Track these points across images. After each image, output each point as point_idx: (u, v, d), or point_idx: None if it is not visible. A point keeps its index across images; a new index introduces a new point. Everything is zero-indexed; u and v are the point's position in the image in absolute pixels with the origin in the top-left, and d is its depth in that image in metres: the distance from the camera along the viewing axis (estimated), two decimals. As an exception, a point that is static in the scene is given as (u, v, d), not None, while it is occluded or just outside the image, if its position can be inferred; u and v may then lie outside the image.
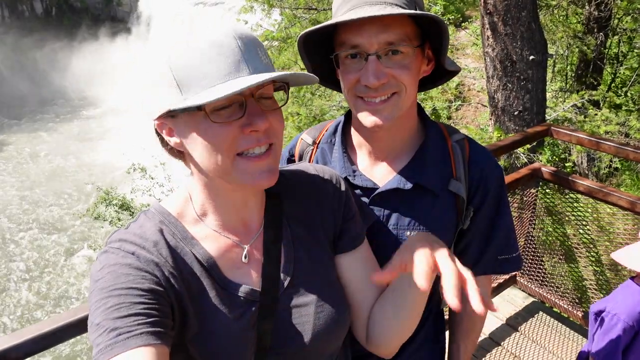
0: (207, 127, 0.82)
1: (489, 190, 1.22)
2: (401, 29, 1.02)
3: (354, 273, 1.07)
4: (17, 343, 1.14)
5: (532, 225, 3.22)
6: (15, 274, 13.08)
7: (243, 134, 0.83)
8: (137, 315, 0.76)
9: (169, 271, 0.86)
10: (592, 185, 2.71)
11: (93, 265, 0.85)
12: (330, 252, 1.06)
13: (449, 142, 1.23)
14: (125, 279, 0.80)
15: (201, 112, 0.81)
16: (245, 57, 0.81)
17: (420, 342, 1.35)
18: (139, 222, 0.92)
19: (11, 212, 16.25)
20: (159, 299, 0.81)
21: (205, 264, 0.91)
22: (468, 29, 10.64)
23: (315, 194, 1.07)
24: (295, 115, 6.73)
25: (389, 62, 1.04)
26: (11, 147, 21.51)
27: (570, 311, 3.04)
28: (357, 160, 1.25)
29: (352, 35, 1.03)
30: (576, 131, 2.89)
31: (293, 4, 7.26)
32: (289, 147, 1.39)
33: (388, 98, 1.07)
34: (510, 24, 3.83)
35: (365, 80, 1.04)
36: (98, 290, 0.80)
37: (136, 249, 0.85)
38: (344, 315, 1.03)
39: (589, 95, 5.20)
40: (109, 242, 0.89)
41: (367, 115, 1.09)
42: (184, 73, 0.80)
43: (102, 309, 0.77)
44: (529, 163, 3.97)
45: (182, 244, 0.91)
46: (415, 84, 1.10)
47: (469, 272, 0.79)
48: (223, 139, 0.82)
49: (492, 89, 4.20)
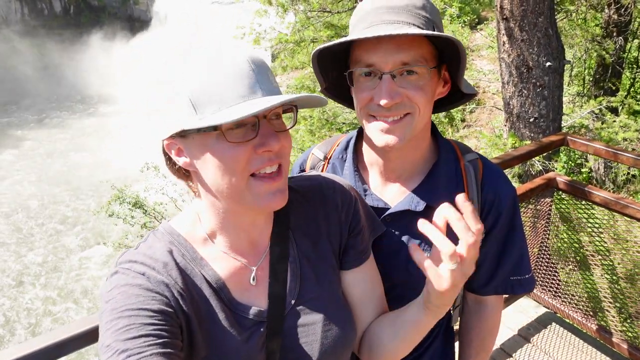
0: (221, 147, 0.82)
1: (502, 212, 1.20)
2: (417, 50, 1.01)
3: (357, 289, 1.07)
4: (28, 353, 1.15)
5: (546, 234, 3.17)
6: (31, 268, 13.32)
7: (256, 154, 0.84)
8: (148, 336, 0.77)
9: (178, 292, 0.86)
10: (608, 196, 2.65)
11: (103, 286, 0.86)
12: (336, 267, 1.06)
13: (462, 163, 1.21)
14: (136, 299, 0.81)
15: (215, 132, 0.82)
16: (259, 80, 0.82)
17: (429, 358, 1.34)
18: (149, 243, 0.93)
19: (28, 207, 16.54)
20: (168, 320, 0.82)
21: (215, 286, 0.92)
22: (484, 30, 10.53)
23: (323, 206, 1.06)
24: (307, 118, 6.72)
25: (403, 82, 1.03)
26: (29, 142, 21.89)
27: (584, 323, 2.99)
28: (369, 179, 1.24)
29: (368, 53, 1.03)
30: (593, 141, 2.84)
31: (307, 6, 7.26)
32: (299, 161, 1.38)
33: (401, 118, 1.06)
34: (526, 29, 3.78)
35: (379, 99, 1.03)
36: (109, 312, 0.80)
37: (146, 270, 0.86)
38: (350, 334, 1.02)
39: (607, 102, 5.10)
40: (118, 262, 0.89)
41: (379, 135, 1.07)
42: (200, 94, 0.81)
43: (113, 330, 0.78)
44: (544, 170, 3.91)
45: (192, 265, 0.91)
46: (430, 105, 1.09)
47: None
48: (238, 159, 0.83)
49: (508, 95, 4.15)
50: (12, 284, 12.59)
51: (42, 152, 20.96)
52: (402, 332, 1.00)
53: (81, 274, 13.01)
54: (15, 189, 17.81)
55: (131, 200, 10.48)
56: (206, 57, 0.83)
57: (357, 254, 1.07)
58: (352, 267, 1.07)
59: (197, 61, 0.83)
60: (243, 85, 0.81)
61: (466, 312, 1.39)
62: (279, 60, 8.95)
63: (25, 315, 11.52)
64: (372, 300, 1.08)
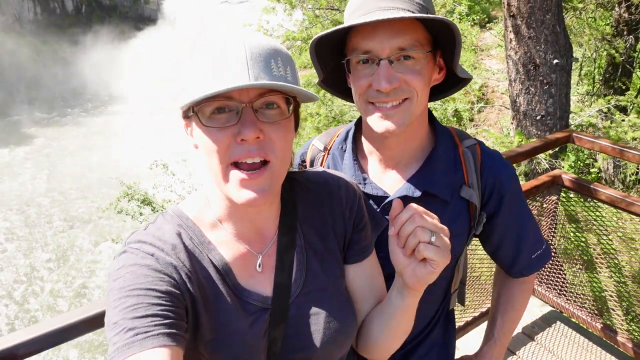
0: (204, 130, 0.84)
1: (504, 194, 1.21)
2: (413, 34, 1.02)
3: (359, 283, 1.08)
4: (30, 338, 1.17)
5: (552, 232, 3.14)
6: (41, 263, 13.48)
7: (236, 142, 0.82)
8: (155, 316, 0.78)
9: (186, 274, 0.87)
10: (614, 194, 2.63)
11: (111, 264, 0.87)
12: (340, 260, 1.07)
13: (460, 148, 1.22)
14: (144, 279, 0.82)
15: (205, 119, 0.83)
16: (250, 65, 0.80)
17: (429, 347, 1.35)
18: (157, 224, 0.93)
19: (39, 203, 16.74)
20: (175, 301, 0.83)
21: (221, 270, 0.93)
22: (493, 29, 10.47)
23: (328, 201, 1.07)
24: (314, 115, 6.73)
25: (401, 67, 1.04)
26: (40, 140, 22.14)
27: (589, 322, 2.96)
28: (368, 168, 1.25)
29: (364, 40, 1.04)
30: (599, 138, 2.81)
31: (315, 4, 7.26)
32: (300, 152, 1.40)
33: (399, 104, 1.07)
34: (534, 26, 3.75)
35: (377, 84, 1.04)
36: (117, 290, 0.81)
37: (155, 251, 0.87)
38: (352, 325, 1.04)
39: (615, 101, 5.04)
40: (127, 242, 0.90)
41: (378, 121, 1.08)
42: (190, 76, 0.83)
43: (120, 308, 0.78)
44: (551, 169, 3.89)
45: (199, 248, 0.92)
46: (427, 90, 1.10)
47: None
48: (217, 144, 0.83)
49: (514, 93, 4.13)
50: (23, 280, 12.75)
51: (53, 149, 21.19)
52: (390, 321, 1.02)
53: (90, 270, 13.14)
54: (26, 186, 18.03)
55: (140, 197, 10.55)
56: (210, 45, 0.84)
57: (360, 249, 1.08)
58: (355, 261, 1.08)
59: (202, 48, 0.85)
60: (229, 70, 0.79)
61: (506, 284, 1.41)
62: (286, 58, 9.00)
63: (36, 310, 11.66)
64: (372, 294, 1.09)
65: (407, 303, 0.97)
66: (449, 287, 1.34)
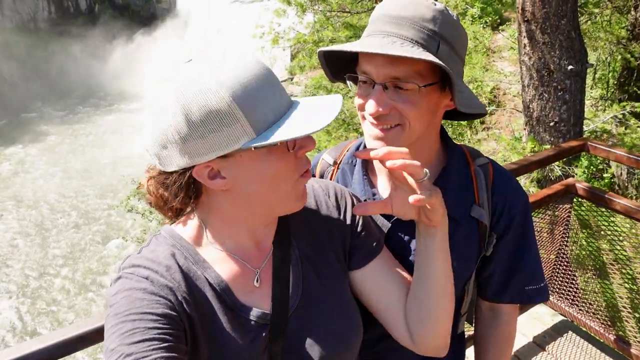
0: (274, 157, 0.84)
1: (514, 218, 1.19)
2: (411, 66, 0.98)
3: (376, 282, 1.06)
4: (40, 348, 1.18)
5: (564, 241, 3.11)
6: (52, 260, 13.63)
7: (297, 156, 0.87)
8: (152, 340, 0.77)
9: (182, 296, 0.87)
10: (629, 204, 2.60)
11: (108, 291, 0.87)
12: (340, 270, 1.06)
13: (472, 167, 1.20)
14: (140, 303, 0.81)
15: (270, 147, 0.83)
16: (279, 84, 0.85)
17: None
18: (151, 247, 0.93)
19: (51, 201, 16.92)
20: (173, 323, 0.82)
21: (217, 288, 0.92)
22: (505, 31, 10.38)
23: (320, 211, 1.06)
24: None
25: (394, 95, 1.02)
26: (53, 137, 22.38)
27: (601, 333, 2.93)
28: (377, 183, 1.24)
29: (364, 61, 1.03)
30: (614, 147, 2.77)
31: (326, 7, 7.25)
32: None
33: (390, 128, 1.05)
34: (548, 32, 3.71)
35: (368, 107, 1.03)
36: (113, 316, 0.81)
37: (149, 274, 0.86)
38: (354, 337, 1.02)
39: (631, 107, 4.97)
40: (122, 268, 0.90)
41: (369, 140, 1.08)
42: (251, 109, 0.79)
43: (117, 334, 0.78)
44: (564, 176, 3.84)
45: (195, 267, 0.91)
46: (423, 119, 1.06)
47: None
48: (289, 165, 0.86)
49: (528, 99, 4.09)
50: (34, 276, 12.91)
51: (66, 146, 21.42)
52: (429, 284, 0.99)
53: (100, 266, 13.27)
54: (38, 183, 18.24)
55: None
56: (237, 70, 0.80)
57: (365, 254, 1.07)
58: (363, 264, 1.06)
59: (236, 76, 0.79)
60: (278, 94, 0.83)
61: (481, 321, 1.38)
62: (297, 60, 8.96)
63: (47, 304, 11.80)
64: (395, 287, 1.06)
65: (437, 241, 0.96)
66: (457, 309, 1.32)
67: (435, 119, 1.12)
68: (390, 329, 1.07)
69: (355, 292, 1.08)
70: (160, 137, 0.82)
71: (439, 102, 1.08)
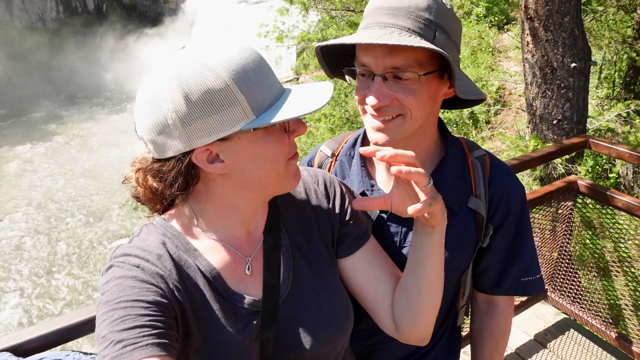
0: (271, 139, 0.86)
1: (511, 210, 1.19)
2: (410, 55, 0.99)
3: (364, 271, 1.07)
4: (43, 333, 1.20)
5: (566, 238, 3.10)
6: (59, 257, 13.74)
7: (289, 139, 0.90)
8: (143, 327, 0.78)
9: (173, 283, 0.87)
10: (631, 201, 2.58)
11: (100, 280, 0.87)
12: (329, 257, 1.06)
13: (470, 159, 1.21)
14: (131, 291, 0.82)
15: (268, 128, 0.85)
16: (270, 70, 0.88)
17: (434, 359, 1.34)
18: (142, 236, 0.93)
19: (59, 199, 17.05)
20: (163, 311, 0.82)
21: (209, 276, 0.92)
22: (511, 31, 10.34)
23: (309, 199, 1.07)
24: (328, 116, 6.72)
25: (394, 86, 1.02)
26: (60, 137, 22.55)
27: (603, 331, 2.91)
28: (376, 175, 1.24)
29: (362, 53, 1.04)
30: (617, 144, 2.76)
31: (329, 5, 7.26)
32: (307, 158, 1.39)
33: (392, 119, 1.05)
34: (551, 29, 3.70)
35: (368, 100, 1.03)
36: (104, 303, 0.81)
37: (140, 262, 0.87)
38: (345, 322, 1.03)
39: (635, 105, 4.94)
40: (113, 257, 0.90)
41: (371, 132, 1.08)
42: (250, 91, 0.80)
43: (108, 322, 0.78)
44: (567, 174, 3.83)
45: (186, 255, 0.92)
46: (425, 107, 1.06)
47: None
48: (283, 147, 0.89)
49: (531, 96, 4.07)
50: (40, 273, 13.02)
51: (73, 146, 21.56)
52: (422, 271, 0.99)
53: (105, 263, 13.37)
54: (46, 182, 18.39)
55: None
56: (235, 55, 0.82)
57: (353, 241, 1.07)
58: (351, 252, 1.07)
59: (233, 61, 0.81)
60: (271, 79, 0.86)
61: (477, 313, 1.38)
62: (300, 59, 8.97)
63: (54, 302, 11.90)
64: (386, 272, 1.07)
65: (433, 240, 0.97)
66: (453, 300, 1.32)
67: (435, 108, 1.12)
68: (375, 317, 1.08)
69: (344, 280, 1.09)
70: (158, 121, 0.81)
71: (438, 90, 1.08)
